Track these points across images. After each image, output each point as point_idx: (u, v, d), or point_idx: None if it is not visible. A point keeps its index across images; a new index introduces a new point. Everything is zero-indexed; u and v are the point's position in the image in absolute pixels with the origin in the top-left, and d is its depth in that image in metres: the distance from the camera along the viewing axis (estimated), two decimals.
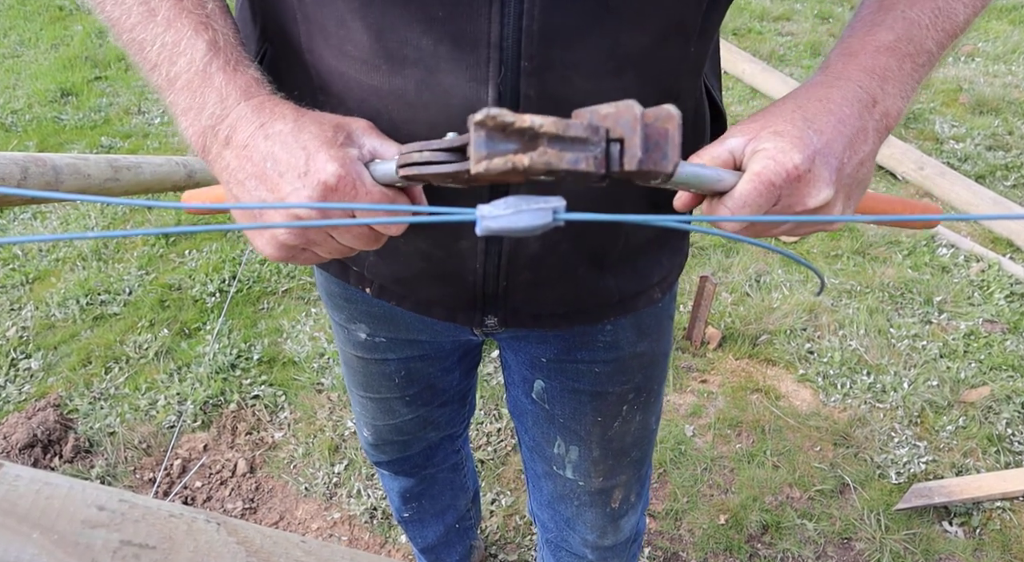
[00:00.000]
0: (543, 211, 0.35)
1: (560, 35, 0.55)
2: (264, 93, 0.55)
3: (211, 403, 2.03)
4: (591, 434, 0.92)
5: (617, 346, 0.86)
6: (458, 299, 0.77)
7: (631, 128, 0.37)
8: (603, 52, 0.56)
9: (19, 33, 4.80)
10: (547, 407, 0.93)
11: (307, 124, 0.52)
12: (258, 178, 0.52)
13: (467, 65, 0.56)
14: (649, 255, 0.80)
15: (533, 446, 1.01)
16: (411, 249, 0.72)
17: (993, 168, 2.96)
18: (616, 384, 0.89)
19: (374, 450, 1.15)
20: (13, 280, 2.54)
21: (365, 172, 0.52)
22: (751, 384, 2.05)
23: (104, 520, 0.46)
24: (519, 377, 0.95)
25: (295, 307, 2.37)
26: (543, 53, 0.55)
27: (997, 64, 3.84)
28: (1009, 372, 2.02)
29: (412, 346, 0.92)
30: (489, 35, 0.54)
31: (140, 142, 3.45)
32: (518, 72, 0.56)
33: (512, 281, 0.73)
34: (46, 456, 1.87)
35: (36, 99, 3.86)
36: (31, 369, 2.18)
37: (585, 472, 0.96)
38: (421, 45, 0.55)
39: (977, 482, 1.71)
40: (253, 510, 1.78)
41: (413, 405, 1.03)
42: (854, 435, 1.88)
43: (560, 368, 0.89)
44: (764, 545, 1.66)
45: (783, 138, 0.52)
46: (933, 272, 2.41)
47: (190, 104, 0.55)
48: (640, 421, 0.94)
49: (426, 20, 0.54)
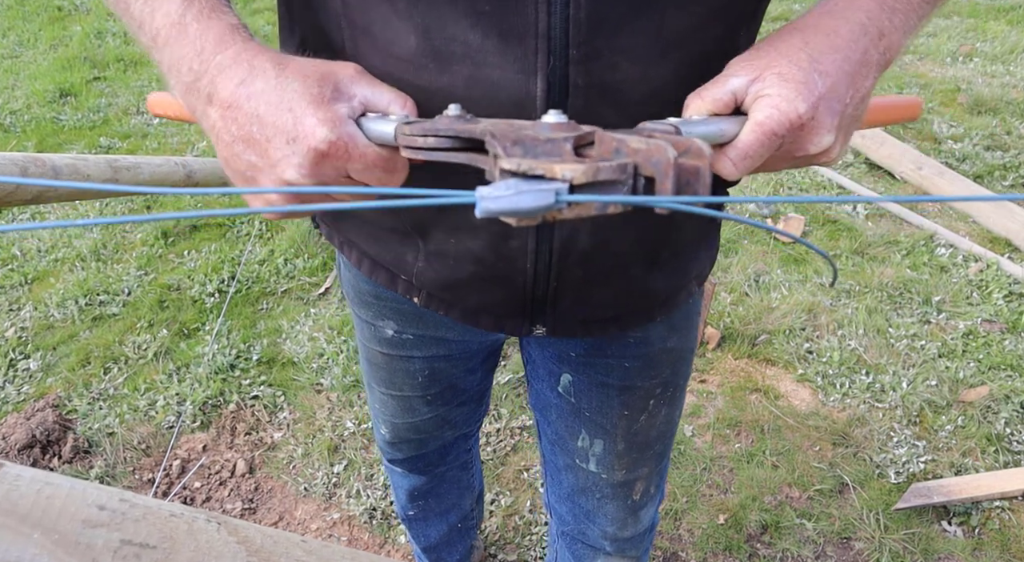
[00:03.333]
0: (545, 192, 0.34)
1: (607, 21, 0.55)
2: (240, 41, 0.52)
3: (210, 403, 2.03)
4: (617, 428, 0.92)
5: (648, 342, 0.86)
6: (507, 306, 0.76)
7: (663, 172, 0.36)
8: (649, 36, 0.56)
9: (18, 33, 4.79)
10: (573, 401, 0.93)
11: (290, 79, 0.49)
12: (245, 142, 0.50)
13: (515, 57, 0.55)
14: (690, 250, 0.80)
15: (556, 440, 1.00)
16: (461, 250, 0.70)
17: (991, 168, 2.97)
18: (645, 379, 0.89)
19: (390, 448, 1.15)
20: (12, 281, 2.54)
21: (358, 133, 0.50)
22: (750, 384, 2.05)
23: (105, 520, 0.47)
24: (545, 371, 0.95)
25: (294, 307, 2.37)
26: (591, 41, 0.55)
27: (995, 64, 3.85)
28: (1008, 372, 2.02)
29: (439, 344, 0.92)
30: (537, 26, 0.54)
31: (139, 142, 3.45)
32: (566, 61, 0.56)
33: (562, 280, 0.72)
34: (45, 456, 1.87)
35: (35, 99, 3.86)
36: (30, 369, 2.17)
37: (609, 465, 0.96)
38: (468, 40, 0.55)
39: (976, 482, 1.71)
40: (252, 510, 1.78)
41: (434, 404, 1.02)
42: (853, 435, 1.89)
43: (589, 363, 0.88)
44: (763, 545, 1.66)
45: (788, 84, 0.51)
46: (932, 272, 2.41)
47: (172, 61, 0.53)
48: (665, 415, 0.95)
49: (473, 15, 0.54)
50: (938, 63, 3.92)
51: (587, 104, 0.58)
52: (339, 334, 2.24)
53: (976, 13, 4.52)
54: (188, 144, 3.42)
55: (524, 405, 2.00)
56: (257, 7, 4.96)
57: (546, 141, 0.39)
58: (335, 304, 2.38)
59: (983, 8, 4.59)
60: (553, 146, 0.39)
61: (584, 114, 0.57)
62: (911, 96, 0.59)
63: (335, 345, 2.19)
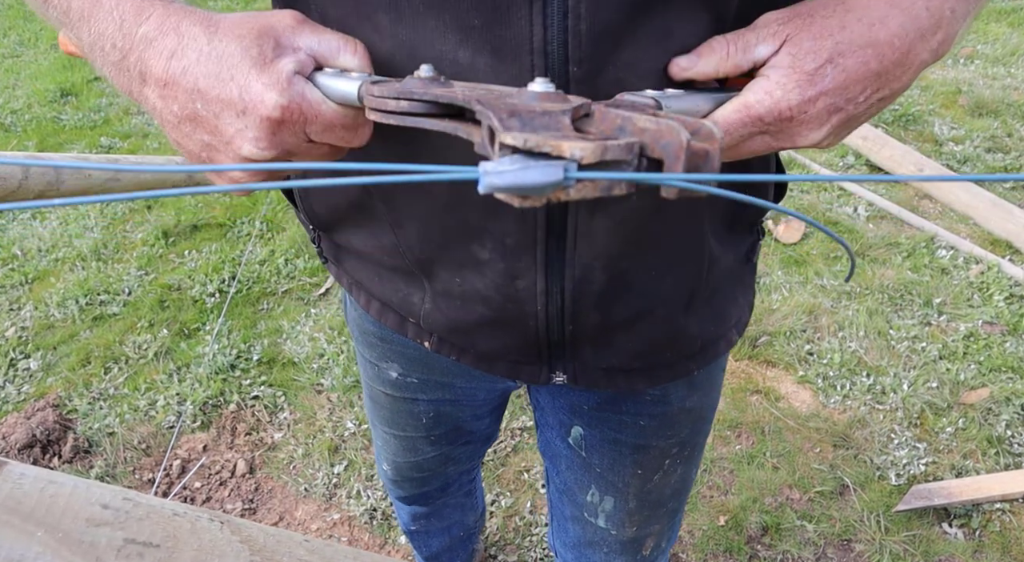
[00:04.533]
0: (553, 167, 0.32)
1: (610, 34, 0.48)
2: (160, 5, 0.46)
3: (210, 403, 2.02)
4: (629, 486, 0.87)
5: (666, 400, 0.80)
6: (522, 351, 0.69)
7: (674, 156, 0.34)
8: (656, 47, 0.50)
9: (19, 33, 4.79)
10: (584, 455, 0.87)
11: (224, 42, 0.44)
12: (192, 121, 0.46)
13: (509, 76, 0.49)
14: (726, 291, 0.73)
15: (564, 489, 0.95)
16: (468, 290, 0.64)
17: (992, 170, 2.97)
18: (661, 438, 0.83)
19: (394, 486, 1.13)
20: (12, 280, 2.54)
21: (310, 91, 0.45)
22: (751, 385, 2.05)
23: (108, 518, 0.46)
24: (555, 420, 0.89)
25: (295, 308, 2.37)
26: (593, 55, 0.49)
27: (996, 66, 3.85)
28: (1008, 374, 2.02)
29: (445, 389, 0.87)
30: (532, 41, 0.48)
31: (140, 142, 3.45)
32: (566, 79, 0.50)
33: (579, 324, 0.65)
34: (45, 456, 1.87)
35: (36, 99, 3.86)
36: (30, 369, 2.17)
37: (619, 522, 0.91)
38: (458, 58, 0.50)
39: (977, 484, 1.71)
40: (252, 511, 1.78)
41: (438, 444, 0.99)
42: (854, 436, 1.88)
43: (602, 417, 0.83)
44: (764, 546, 1.66)
45: (792, 71, 0.47)
46: (933, 274, 2.41)
47: (92, 39, 0.47)
48: (681, 474, 0.89)
49: (461, 30, 0.49)
50: (939, 65, 3.92)
51: None
52: (339, 334, 2.23)
53: (977, 15, 4.53)
54: None
55: (524, 406, 2.00)
56: (258, 8, 4.96)
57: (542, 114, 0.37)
58: (336, 304, 2.38)
59: (984, 10, 4.59)
60: (551, 120, 0.36)
61: None
62: None
63: (336, 345, 2.19)
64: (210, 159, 0.48)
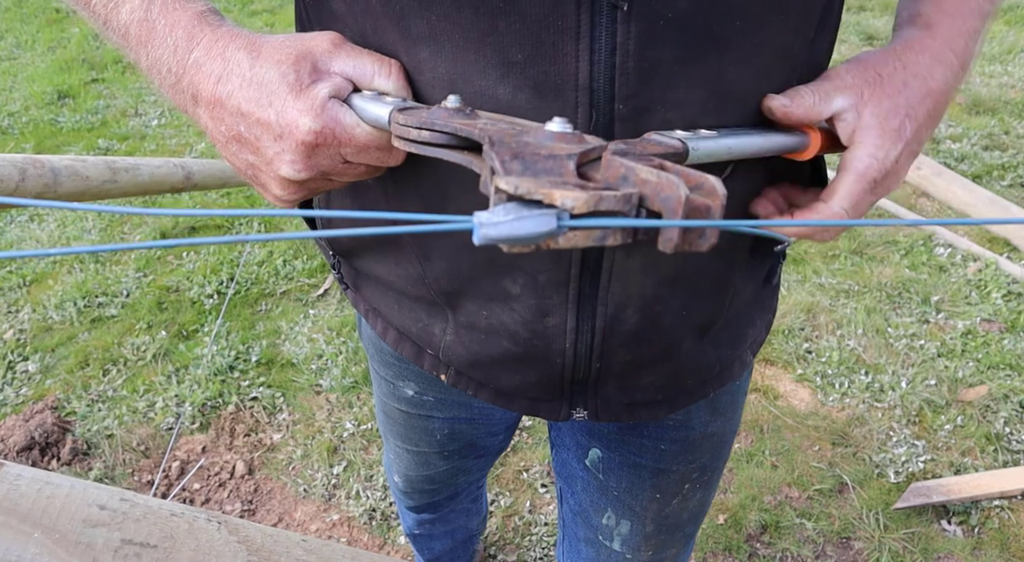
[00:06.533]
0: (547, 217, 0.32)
1: (660, 71, 0.47)
2: (209, 31, 0.49)
3: (209, 405, 2.02)
4: (647, 511, 0.86)
5: (688, 425, 0.79)
6: (543, 388, 0.67)
7: (672, 210, 0.34)
8: (707, 89, 0.49)
9: (16, 35, 4.79)
10: (601, 477, 0.86)
11: (264, 67, 0.47)
12: (238, 141, 0.49)
13: (551, 113, 0.47)
14: (744, 317, 0.73)
15: (579, 511, 0.93)
16: (494, 324, 0.63)
17: (990, 168, 2.97)
18: (681, 463, 0.82)
19: (404, 496, 1.14)
20: (10, 282, 2.54)
21: (344, 116, 0.47)
22: (749, 384, 2.05)
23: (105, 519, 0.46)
24: (572, 441, 0.88)
25: (293, 309, 2.37)
26: (640, 93, 0.48)
27: (993, 64, 3.85)
28: (1007, 371, 2.02)
29: (461, 408, 0.87)
30: (577, 77, 0.47)
31: (137, 144, 3.44)
32: (611, 117, 0.48)
33: (607, 363, 0.64)
34: (44, 459, 1.87)
35: (33, 101, 3.86)
36: (28, 371, 2.17)
37: (634, 546, 0.90)
38: (498, 95, 0.48)
39: (975, 481, 1.71)
40: (252, 512, 1.78)
41: (451, 459, 0.99)
42: (852, 434, 1.89)
43: (622, 440, 0.82)
44: (763, 544, 1.66)
45: (883, 132, 0.51)
46: (931, 272, 2.41)
47: (150, 63, 0.50)
48: (700, 499, 0.89)
49: (503, 65, 0.47)
50: None
51: None
52: (338, 335, 2.24)
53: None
54: (187, 146, 3.42)
55: None
56: (255, 8, 4.96)
57: (548, 157, 0.37)
58: (334, 305, 2.38)
59: None
60: (555, 163, 0.36)
61: None
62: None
63: (334, 346, 2.19)
64: (255, 177, 0.51)
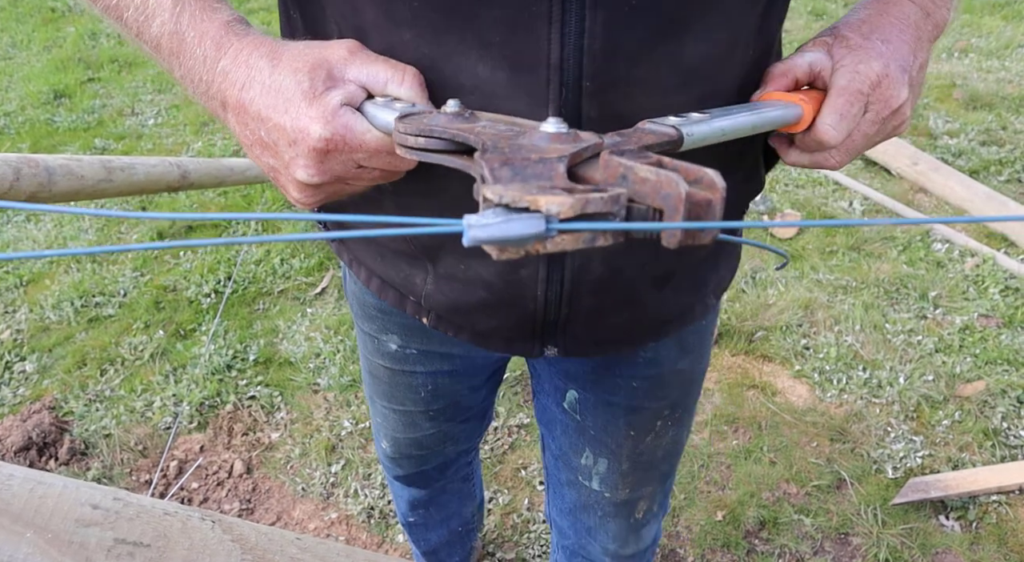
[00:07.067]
0: (535, 220, 0.33)
1: (623, 52, 0.52)
2: (235, 40, 0.52)
3: (207, 404, 2.02)
4: (622, 448, 0.91)
5: (658, 362, 0.84)
6: (517, 329, 0.73)
7: (674, 207, 0.35)
8: (667, 67, 0.54)
9: (11, 35, 4.78)
10: (578, 418, 0.91)
11: (282, 75, 0.49)
12: (260, 145, 0.52)
13: (526, 90, 0.53)
14: (706, 265, 0.77)
15: (559, 455, 0.99)
16: (471, 276, 0.68)
17: (987, 163, 2.97)
18: (653, 400, 0.87)
19: (392, 464, 1.14)
20: (7, 282, 2.53)
21: (355, 123, 0.49)
22: (747, 380, 2.05)
23: (98, 518, 0.46)
24: (550, 386, 0.93)
25: (291, 308, 2.37)
26: (606, 72, 0.53)
27: (990, 60, 3.85)
28: (1004, 366, 2.03)
29: (443, 360, 0.90)
30: (549, 57, 0.52)
31: (134, 143, 3.44)
32: (579, 93, 0.53)
33: (575, 308, 0.69)
34: (41, 459, 1.87)
35: (29, 101, 3.85)
36: (26, 371, 2.17)
37: (612, 484, 0.95)
38: (477, 73, 0.53)
39: (973, 476, 1.71)
40: (250, 511, 1.78)
41: (436, 420, 1.01)
42: (850, 430, 1.89)
43: (596, 380, 0.87)
44: (761, 541, 1.67)
45: (858, 51, 0.57)
46: (928, 267, 2.42)
47: (183, 72, 0.54)
48: (673, 436, 0.93)
49: (482, 46, 0.52)
50: (933, 59, 3.92)
51: None
52: (336, 334, 2.23)
53: (971, 9, 4.53)
54: (183, 145, 3.42)
55: (522, 404, 2.00)
56: (252, 7, 4.95)
57: (538, 162, 0.38)
58: (331, 304, 2.37)
59: (978, 4, 4.59)
60: (545, 168, 0.37)
61: None
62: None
63: (332, 345, 2.19)
64: (276, 179, 0.54)
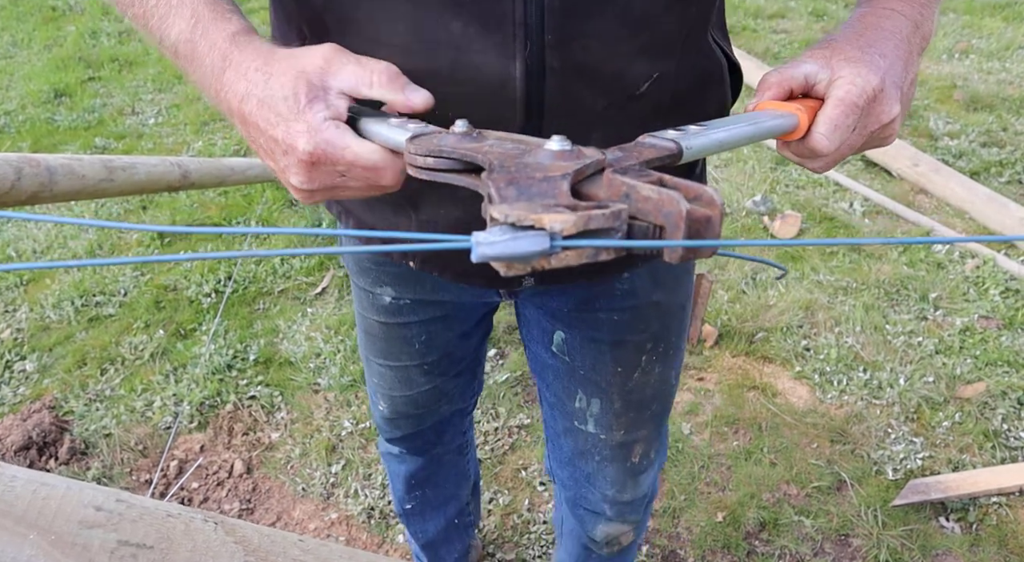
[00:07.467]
0: (540, 237, 0.35)
1: (578, 8, 0.61)
2: (237, 52, 0.55)
3: (207, 404, 2.02)
4: (612, 385, 0.95)
5: (634, 294, 0.89)
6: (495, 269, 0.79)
7: (675, 224, 0.37)
8: (618, 19, 0.62)
9: (12, 34, 4.78)
10: (567, 359, 0.96)
11: (272, 88, 0.52)
12: (263, 150, 0.55)
13: (495, 43, 0.61)
14: None
15: (555, 402, 1.03)
16: (450, 220, 0.75)
17: (987, 164, 2.97)
18: (634, 332, 0.92)
19: (388, 425, 1.16)
20: (7, 282, 2.53)
21: (336, 138, 0.51)
22: (748, 381, 2.05)
23: (101, 520, 0.46)
24: (538, 330, 0.98)
25: (291, 307, 2.37)
26: (564, 26, 0.61)
27: (991, 61, 3.85)
28: (1005, 368, 2.03)
29: (435, 307, 0.95)
30: (514, 14, 0.60)
31: (134, 143, 3.44)
32: (542, 45, 0.61)
33: None
34: (41, 458, 1.87)
35: (29, 100, 3.85)
36: (26, 371, 2.17)
37: (607, 425, 0.99)
38: (452, 28, 0.60)
39: (973, 478, 1.71)
40: (250, 511, 1.78)
41: (431, 374, 1.05)
42: (851, 432, 1.89)
43: (580, 318, 0.92)
44: (762, 542, 1.67)
45: (856, 64, 0.58)
46: (928, 269, 2.42)
47: (197, 78, 0.58)
48: (660, 373, 0.97)
49: (456, 5, 0.60)
50: (934, 60, 3.92)
51: (563, 83, 0.64)
52: (336, 334, 2.23)
53: (972, 10, 4.53)
54: (184, 144, 3.42)
55: (522, 404, 2.00)
56: (251, 7, 4.95)
57: (543, 180, 0.40)
58: (332, 304, 2.37)
59: (979, 5, 4.59)
60: (549, 186, 0.39)
61: (561, 92, 0.64)
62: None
63: (332, 345, 2.19)
64: (279, 180, 0.58)
